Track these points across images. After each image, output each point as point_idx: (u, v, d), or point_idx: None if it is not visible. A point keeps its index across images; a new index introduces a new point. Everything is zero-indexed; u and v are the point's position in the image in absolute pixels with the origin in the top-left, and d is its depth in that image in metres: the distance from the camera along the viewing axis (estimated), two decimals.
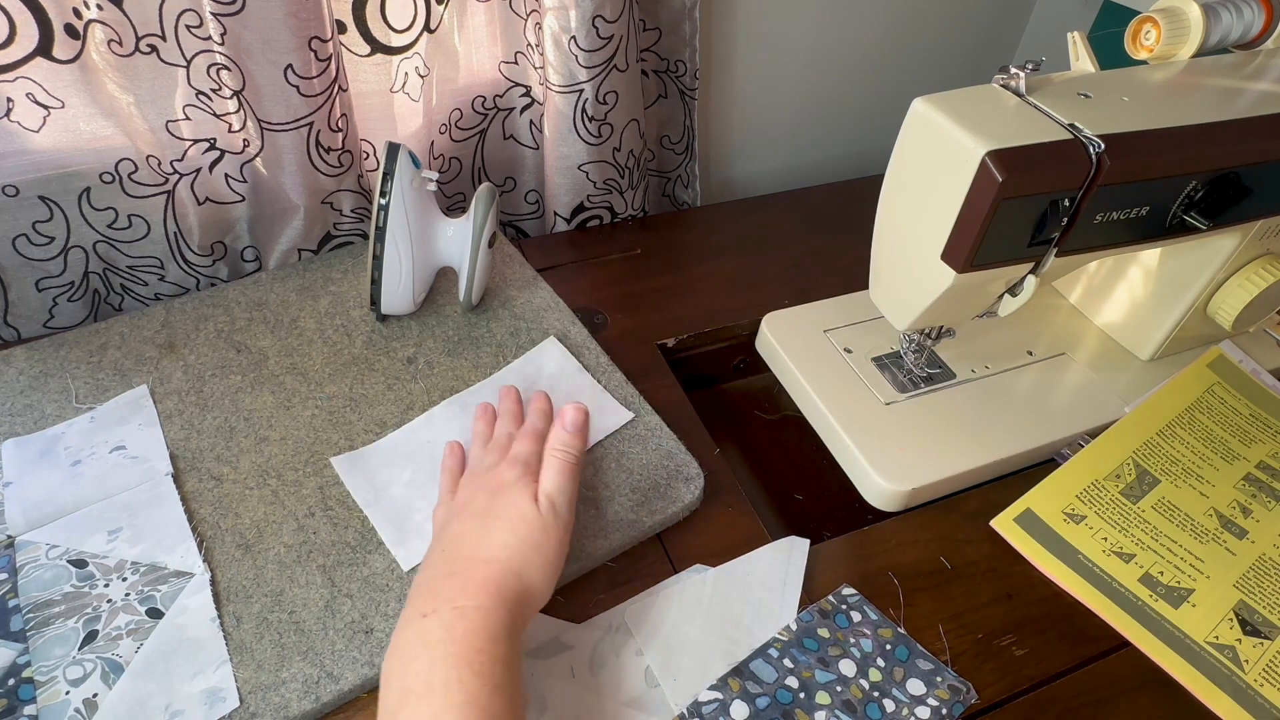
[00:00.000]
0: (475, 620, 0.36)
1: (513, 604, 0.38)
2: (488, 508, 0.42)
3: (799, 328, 0.61)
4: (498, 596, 0.38)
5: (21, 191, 0.56)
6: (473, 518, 0.42)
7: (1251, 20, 0.50)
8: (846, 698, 0.41)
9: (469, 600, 0.37)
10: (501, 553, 0.40)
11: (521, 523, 0.41)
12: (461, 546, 0.41)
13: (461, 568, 0.39)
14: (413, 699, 0.34)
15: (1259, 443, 0.56)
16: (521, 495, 0.42)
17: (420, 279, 0.58)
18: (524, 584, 0.39)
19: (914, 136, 0.45)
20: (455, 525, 0.42)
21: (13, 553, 0.45)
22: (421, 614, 0.37)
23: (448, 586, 0.38)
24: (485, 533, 0.41)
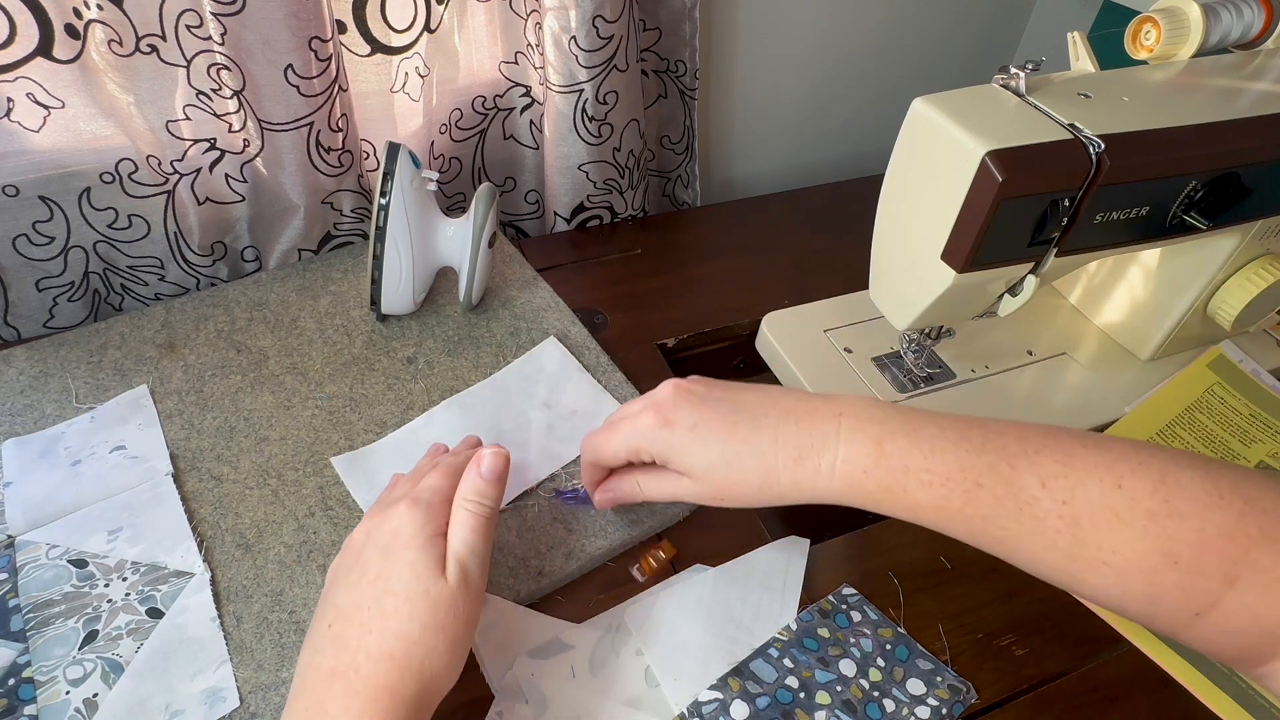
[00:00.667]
0: None
1: (408, 707, 0.33)
2: (382, 573, 0.35)
3: (799, 328, 0.61)
4: (388, 708, 0.32)
5: (21, 191, 0.56)
6: (365, 585, 0.35)
7: (1251, 20, 0.50)
8: (846, 697, 0.41)
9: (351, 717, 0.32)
10: (397, 645, 0.34)
11: (423, 602, 0.34)
12: (349, 627, 0.34)
13: (347, 664, 0.33)
14: None
15: (1259, 443, 0.56)
16: (422, 561, 0.35)
17: (420, 279, 0.58)
18: (424, 679, 0.34)
19: (914, 136, 0.45)
20: (343, 591, 0.36)
21: (13, 552, 0.45)
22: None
23: (330, 697, 0.33)
24: (378, 613, 0.34)
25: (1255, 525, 0.31)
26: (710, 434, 0.38)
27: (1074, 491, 0.33)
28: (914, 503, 0.36)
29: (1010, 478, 0.34)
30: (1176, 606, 0.32)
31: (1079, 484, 0.33)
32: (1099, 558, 0.33)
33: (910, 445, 0.36)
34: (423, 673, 0.34)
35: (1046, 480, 0.34)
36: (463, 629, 0.36)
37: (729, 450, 0.38)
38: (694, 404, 0.39)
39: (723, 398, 0.39)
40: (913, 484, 0.35)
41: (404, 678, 0.33)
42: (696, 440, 0.38)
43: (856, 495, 0.37)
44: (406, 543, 0.36)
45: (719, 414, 0.39)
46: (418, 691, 0.34)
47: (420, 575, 0.35)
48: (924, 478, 0.35)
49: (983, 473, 0.34)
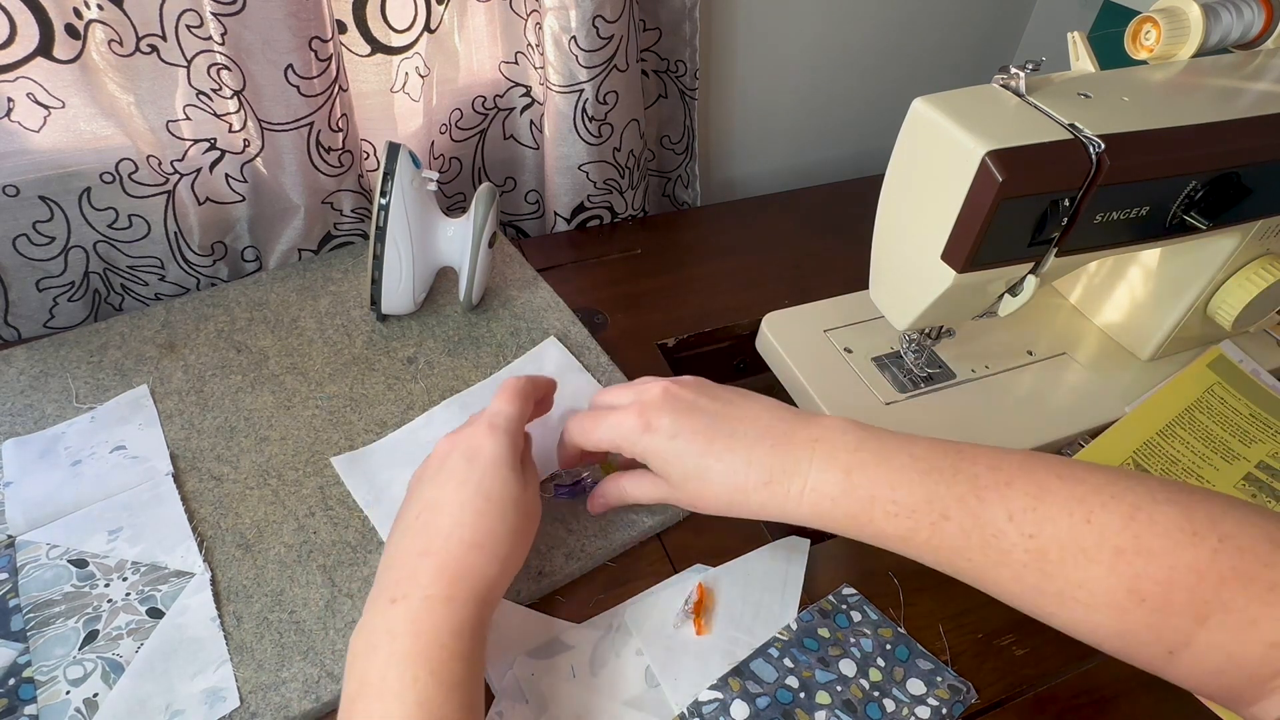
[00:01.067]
0: (442, 615, 0.35)
1: (485, 594, 0.37)
2: (470, 479, 0.39)
3: (799, 328, 0.61)
4: (473, 589, 0.36)
5: (22, 191, 0.56)
6: (454, 486, 0.39)
7: (1251, 20, 0.50)
8: (847, 697, 0.41)
9: (441, 590, 0.36)
10: (486, 538, 0.38)
11: (513, 509, 0.39)
12: (439, 518, 0.38)
13: (439, 547, 0.37)
14: (369, 693, 0.33)
15: (1259, 443, 0.56)
16: (513, 478, 0.39)
17: (420, 279, 0.58)
18: (501, 568, 0.38)
19: (914, 136, 0.45)
20: (430, 489, 0.40)
21: (13, 552, 0.45)
22: (390, 599, 0.36)
23: (422, 569, 0.36)
24: (470, 511, 0.38)
25: (1228, 563, 0.31)
26: (686, 445, 0.39)
27: (1042, 526, 0.33)
28: (879, 532, 0.37)
29: (978, 510, 0.34)
30: (1147, 644, 0.32)
31: (1047, 518, 0.33)
32: (1066, 592, 0.33)
33: (879, 475, 0.36)
34: (502, 563, 0.38)
35: (1014, 514, 0.34)
36: (529, 535, 0.41)
37: (702, 465, 0.39)
38: (677, 412, 0.40)
39: (707, 408, 0.40)
40: (879, 514, 0.36)
41: (488, 565, 0.37)
42: (673, 449, 0.39)
43: (824, 521, 0.38)
44: (496, 460, 0.39)
45: (699, 425, 0.39)
46: (495, 577, 0.38)
47: (511, 488, 0.39)
48: (890, 509, 0.36)
49: (950, 505, 0.35)
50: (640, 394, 0.41)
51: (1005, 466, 0.35)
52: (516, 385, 0.44)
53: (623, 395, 0.43)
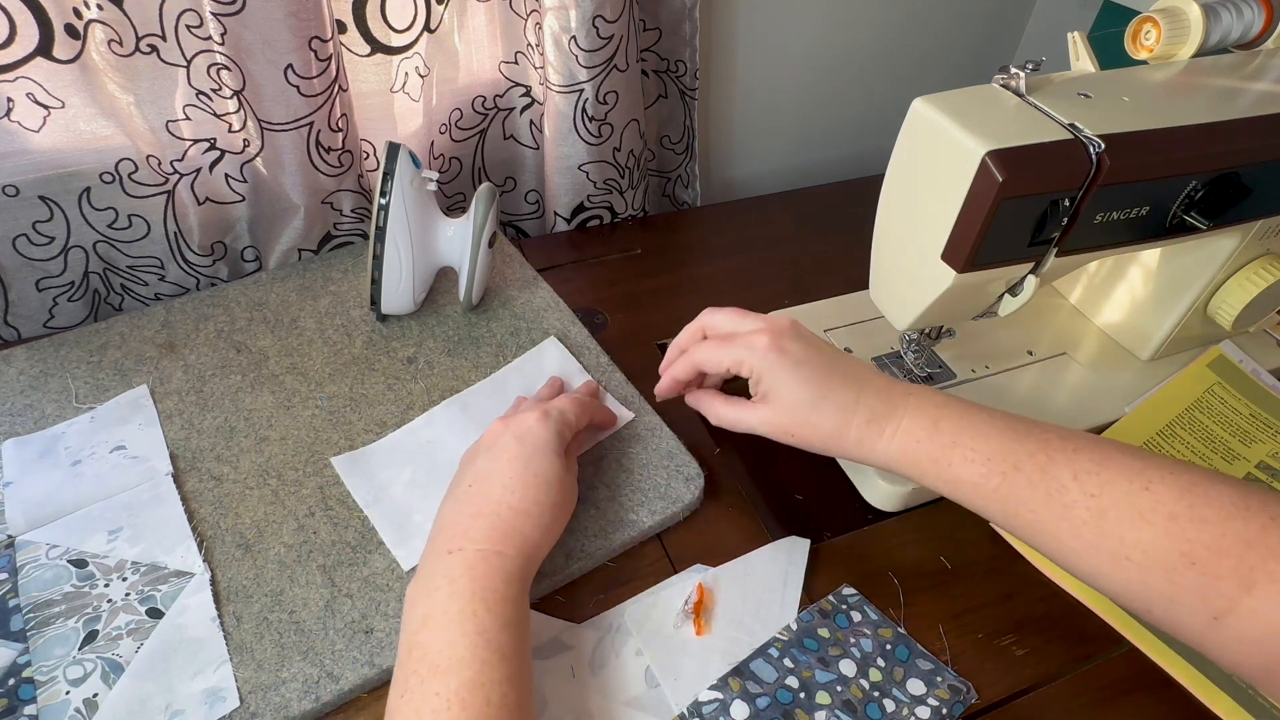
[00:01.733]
0: (495, 564, 0.39)
1: (530, 554, 0.41)
2: (520, 455, 0.43)
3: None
4: (520, 546, 0.40)
5: (21, 191, 0.56)
6: (505, 460, 0.43)
7: (1251, 20, 0.50)
8: (847, 698, 0.41)
9: (493, 545, 0.39)
10: (534, 506, 0.42)
11: (558, 485, 0.43)
12: (490, 487, 0.42)
13: (490, 510, 0.41)
14: (432, 624, 0.37)
15: (1259, 443, 0.56)
16: (559, 461, 0.44)
17: (420, 279, 0.58)
18: (543, 535, 0.42)
19: (914, 136, 0.45)
20: (483, 462, 0.44)
21: (13, 552, 0.45)
22: (448, 550, 0.39)
23: (475, 527, 0.40)
24: (520, 482, 0.42)
25: (1276, 538, 0.32)
26: (810, 373, 0.43)
27: (1103, 487, 0.36)
28: (955, 476, 0.40)
29: (1045, 466, 0.37)
30: (1193, 608, 0.33)
31: (1109, 482, 0.36)
32: (1121, 551, 0.35)
33: (961, 426, 0.40)
34: (546, 529, 0.42)
35: (1079, 474, 0.36)
36: (569, 513, 0.45)
37: (819, 395, 0.42)
38: (804, 343, 0.44)
39: (824, 348, 0.44)
40: (958, 459, 0.39)
41: (534, 530, 0.41)
42: (797, 375, 0.43)
43: (909, 462, 0.41)
44: (544, 443, 0.44)
45: (821, 360, 0.43)
46: (539, 540, 0.42)
47: (555, 468, 0.43)
48: (968, 454, 0.39)
49: (1021, 458, 0.38)
50: (770, 320, 0.45)
51: (1073, 437, 0.38)
52: (584, 400, 0.50)
53: (746, 321, 0.46)
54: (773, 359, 0.43)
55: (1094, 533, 0.36)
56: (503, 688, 0.35)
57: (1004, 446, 0.39)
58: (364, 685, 0.41)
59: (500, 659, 0.36)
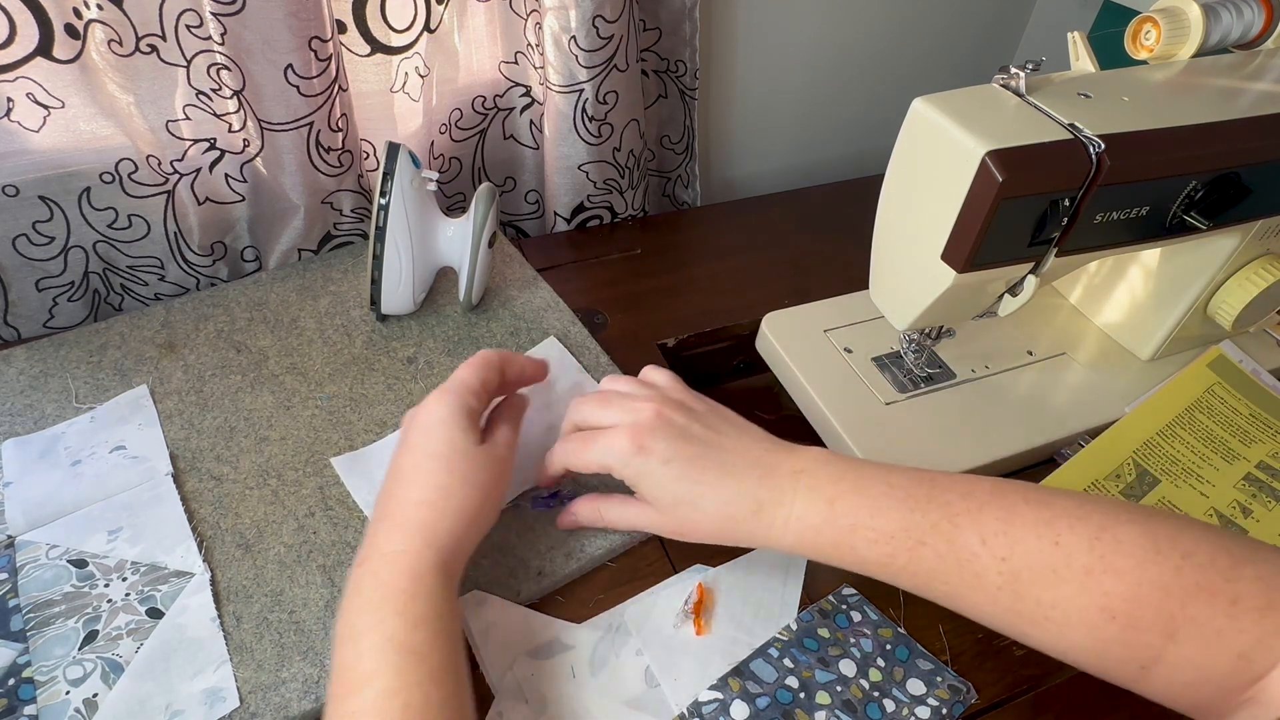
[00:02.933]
0: (401, 564, 0.38)
1: (444, 541, 0.39)
2: (419, 443, 0.42)
3: (799, 328, 0.61)
4: (427, 538, 0.39)
5: (21, 191, 0.56)
6: (407, 455, 0.42)
7: (1251, 20, 0.50)
8: (847, 698, 0.41)
9: (396, 546, 0.38)
10: (435, 493, 0.40)
11: (460, 461, 0.41)
12: (394, 485, 0.41)
13: (394, 509, 0.40)
14: (342, 643, 0.36)
15: (1259, 443, 0.56)
16: (458, 434, 0.41)
17: (420, 279, 0.58)
18: (459, 521, 0.40)
19: (914, 136, 0.45)
20: (395, 461, 0.43)
21: (13, 553, 0.45)
22: (358, 564, 0.39)
23: (380, 532, 0.39)
24: (419, 471, 0.41)
25: (1191, 579, 0.32)
26: (681, 471, 0.40)
27: (1013, 547, 0.35)
28: (860, 559, 0.38)
29: (952, 535, 0.36)
30: (1121, 660, 0.33)
31: (1018, 540, 0.35)
32: (1039, 612, 0.34)
33: (859, 504, 0.38)
34: (458, 515, 0.40)
35: (987, 538, 0.35)
36: (493, 484, 0.42)
37: (696, 492, 0.40)
38: (672, 437, 0.40)
39: (699, 436, 0.41)
40: (860, 542, 0.37)
41: (440, 518, 0.39)
42: (668, 475, 0.40)
43: (809, 550, 0.39)
44: (441, 421, 0.42)
45: (693, 453, 0.40)
46: (453, 528, 0.39)
47: (455, 442, 0.41)
48: (870, 535, 0.37)
49: (926, 531, 0.36)
50: (633, 415, 0.41)
51: (977, 493, 0.37)
52: (482, 356, 0.46)
53: (609, 413, 0.43)
54: (638, 463, 0.40)
55: (1010, 597, 0.35)
56: (424, 688, 0.34)
57: (906, 521, 0.37)
58: None
59: (416, 660, 0.35)
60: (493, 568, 0.46)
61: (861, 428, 0.54)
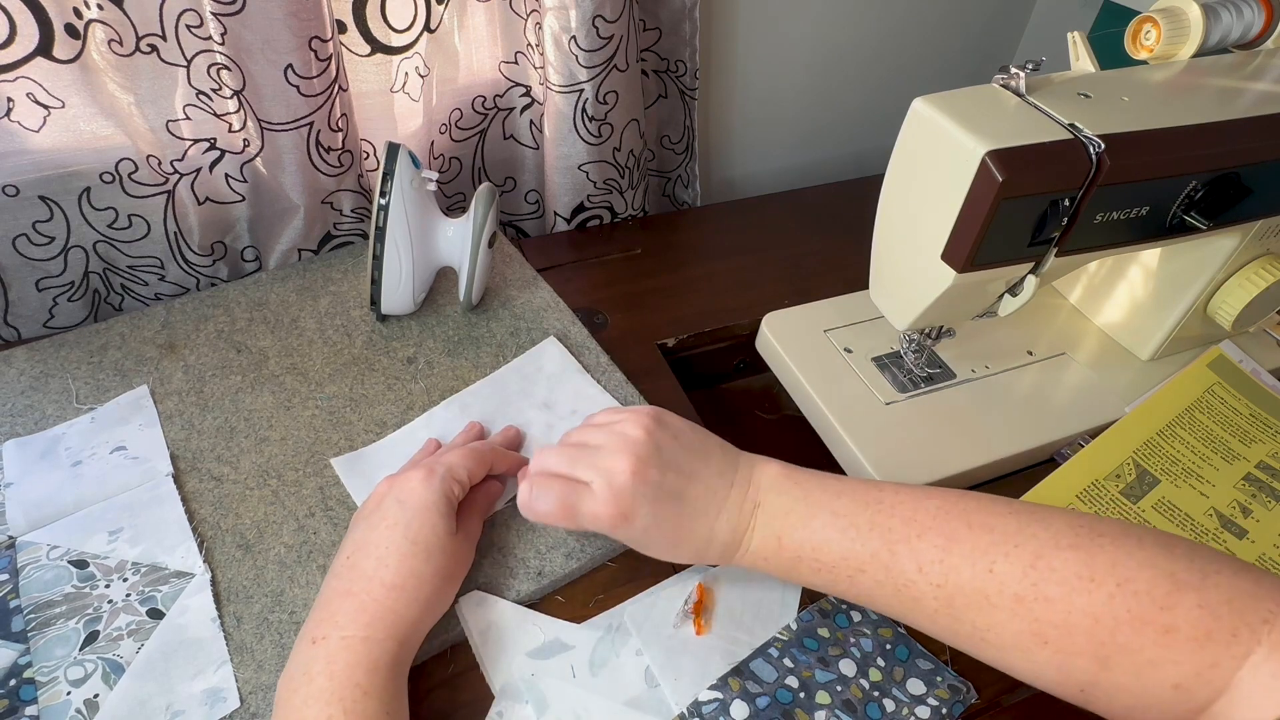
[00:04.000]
0: (359, 653, 0.36)
1: (404, 634, 0.38)
2: (400, 521, 0.40)
3: (799, 328, 0.61)
4: (392, 627, 0.38)
5: (21, 191, 0.56)
6: (384, 528, 0.40)
7: (1251, 20, 0.50)
8: (846, 697, 0.41)
9: (359, 630, 0.37)
10: (409, 579, 0.39)
11: (439, 552, 0.40)
12: (364, 560, 0.39)
13: (361, 587, 0.38)
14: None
15: (1259, 443, 0.56)
16: (442, 523, 0.41)
17: (420, 279, 0.58)
18: (424, 609, 0.39)
19: (914, 136, 0.45)
20: (362, 530, 0.41)
21: (14, 553, 0.45)
22: (311, 640, 0.37)
23: (342, 609, 0.38)
24: (395, 553, 0.39)
25: (1123, 607, 0.32)
26: (659, 531, 0.40)
27: (948, 575, 0.36)
28: (809, 583, 0.41)
29: (889, 563, 0.37)
30: (1058, 683, 0.34)
31: (953, 569, 0.36)
32: (976, 635, 0.35)
33: (804, 539, 0.40)
34: (425, 605, 0.40)
35: (923, 565, 0.36)
36: (459, 575, 0.43)
37: (674, 542, 0.41)
38: (650, 499, 0.40)
39: (673, 488, 0.40)
40: (805, 571, 0.40)
41: (410, 606, 0.39)
42: (646, 537, 0.41)
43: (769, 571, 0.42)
44: (427, 505, 0.41)
45: (669, 511, 0.40)
46: (417, 617, 0.39)
47: (438, 530, 0.41)
48: (813, 565, 0.39)
49: (864, 560, 0.38)
50: (608, 475, 0.40)
51: (920, 518, 0.38)
52: (474, 449, 0.46)
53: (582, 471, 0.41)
54: (623, 531, 0.40)
55: (947, 619, 0.36)
56: None
57: (846, 551, 0.38)
58: None
59: None
60: (492, 568, 0.46)
61: (861, 428, 0.54)
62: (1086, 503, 0.52)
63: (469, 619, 0.43)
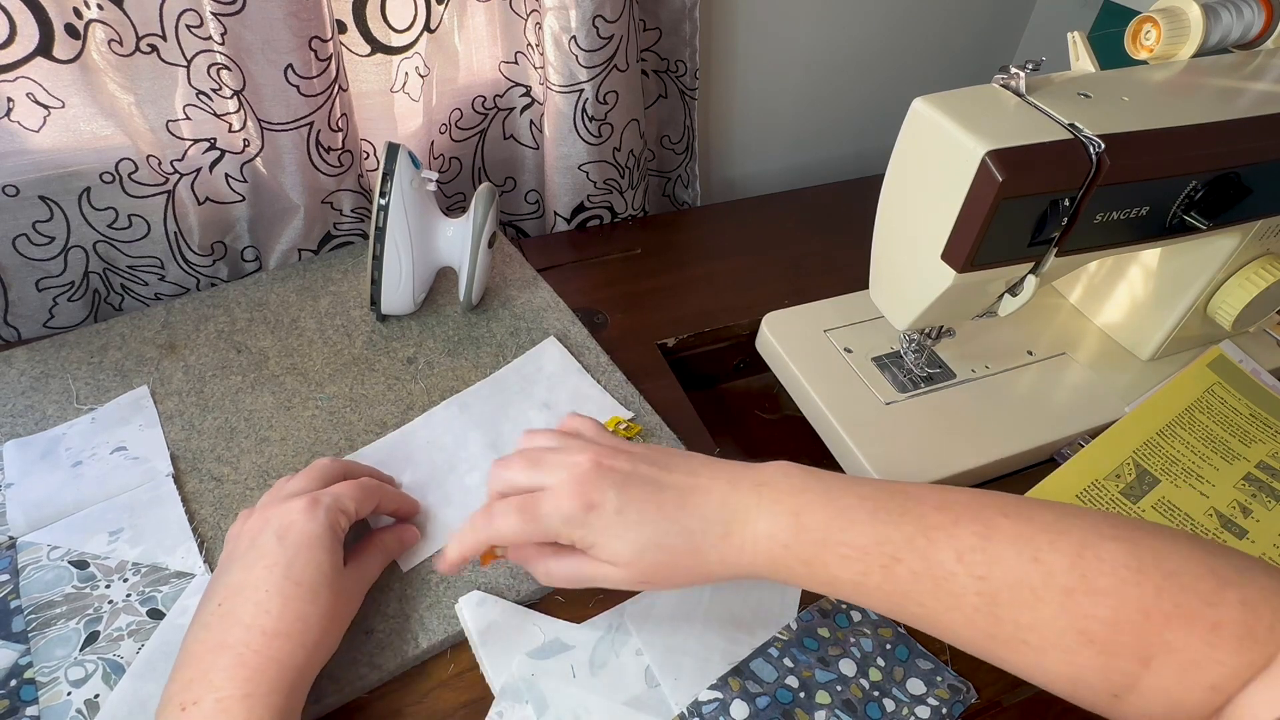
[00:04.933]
0: (238, 717, 0.33)
1: (293, 681, 0.35)
2: (281, 561, 0.37)
3: (799, 328, 0.61)
4: (275, 680, 0.34)
5: (22, 191, 0.56)
6: (262, 569, 0.37)
7: (1251, 20, 0.50)
8: (846, 697, 0.41)
9: (238, 689, 0.33)
10: (295, 625, 0.36)
11: (327, 592, 0.37)
12: (241, 606, 0.36)
13: (238, 639, 0.35)
14: None
15: (1259, 443, 0.56)
16: (328, 560, 0.38)
17: (420, 279, 0.58)
18: (311, 653, 0.36)
19: (914, 136, 0.45)
20: (237, 572, 0.37)
21: (14, 554, 0.45)
22: (180, 706, 0.33)
23: (216, 666, 0.34)
24: (278, 596, 0.36)
25: (1171, 601, 0.30)
26: (638, 516, 0.36)
27: (991, 567, 0.32)
28: (833, 578, 0.35)
29: (927, 551, 0.33)
30: (1094, 688, 0.32)
31: (996, 558, 0.32)
32: (1016, 636, 0.32)
33: (828, 518, 0.35)
34: (313, 650, 0.37)
35: (963, 554, 0.33)
36: (349, 613, 0.40)
37: (658, 531, 0.36)
38: (618, 484, 0.36)
39: (645, 474, 0.37)
40: (832, 559, 0.35)
41: (295, 653, 0.35)
42: (624, 524, 0.36)
43: (779, 571, 0.36)
44: (311, 540, 0.38)
45: (645, 493, 0.36)
46: (304, 662, 0.36)
47: (323, 568, 0.38)
48: (842, 551, 0.34)
49: (899, 546, 0.34)
50: (570, 470, 0.37)
51: (952, 506, 0.34)
52: (363, 484, 0.43)
53: (540, 474, 0.38)
54: (590, 519, 0.36)
55: (987, 620, 0.32)
56: None
57: (878, 534, 0.34)
58: (363, 686, 0.41)
59: None
60: (493, 568, 0.46)
61: (861, 428, 0.54)
62: (1086, 503, 0.52)
63: (469, 619, 0.43)
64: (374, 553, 0.43)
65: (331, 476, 0.44)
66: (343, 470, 0.45)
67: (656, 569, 0.36)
